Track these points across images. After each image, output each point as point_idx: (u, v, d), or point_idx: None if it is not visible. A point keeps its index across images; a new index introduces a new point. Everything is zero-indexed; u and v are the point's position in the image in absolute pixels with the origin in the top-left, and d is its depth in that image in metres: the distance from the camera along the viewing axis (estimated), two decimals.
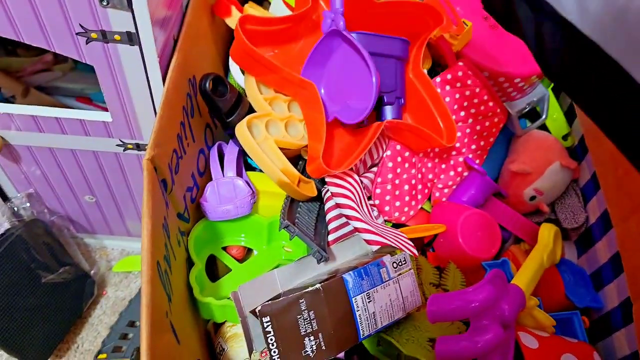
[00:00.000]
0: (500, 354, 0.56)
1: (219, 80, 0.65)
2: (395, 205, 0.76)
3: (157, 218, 0.51)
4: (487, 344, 0.54)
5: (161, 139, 0.54)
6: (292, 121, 0.69)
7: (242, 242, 0.71)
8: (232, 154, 0.68)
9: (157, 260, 0.49)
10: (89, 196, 0.84)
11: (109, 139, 0.70)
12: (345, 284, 0.59)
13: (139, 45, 0.56)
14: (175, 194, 0.60)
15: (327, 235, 0.67)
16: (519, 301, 0.60)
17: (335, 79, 0.68)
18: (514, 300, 0.58)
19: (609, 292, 0.75)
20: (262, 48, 0.68)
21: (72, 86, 0.97)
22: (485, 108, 0.81)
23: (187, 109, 0.63)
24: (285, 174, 0.64)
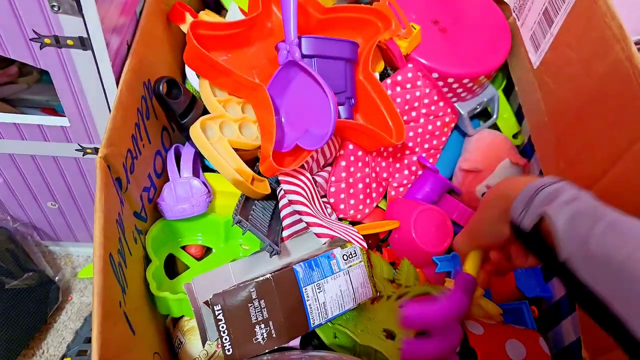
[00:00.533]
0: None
1: (173, 83, 0.68)
2: (350, 203, 0.80)
3: (109, 213, 0.53)
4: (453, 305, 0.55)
5: (114, 139, 0.57)
6: (245, 122, 0.72)
7: (199, 241, 0.74)
8: (188, 155, 0.71)
9: (109, 252, 0.51)
10: (51, 202, 0.86)
11: (68, 144, 0.73)
12: (296, 274, 0.62)
13: (91, 49, 0.59)
14: (131, 193, 0.63)
15: (282, 232, 0.70)
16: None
17: (294, 106, 0.71)
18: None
19: (556, 282, 0.79)
20: (215, 52, 0.72)
21: (37, 98, 0.99)
22: (436, 108, 0.85)
23: (142, 111, 0.65)
24: (239, 172, 0.66)
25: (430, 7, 0.90)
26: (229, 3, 0.91)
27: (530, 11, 0.84)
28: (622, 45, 0.62)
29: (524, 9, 0.86)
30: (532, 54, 0.83)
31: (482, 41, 0.88)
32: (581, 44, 0.70)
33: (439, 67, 0.83)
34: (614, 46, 0.63)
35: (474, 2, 0.93)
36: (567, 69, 0.73)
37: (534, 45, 0.83)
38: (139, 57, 0.65)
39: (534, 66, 0.82)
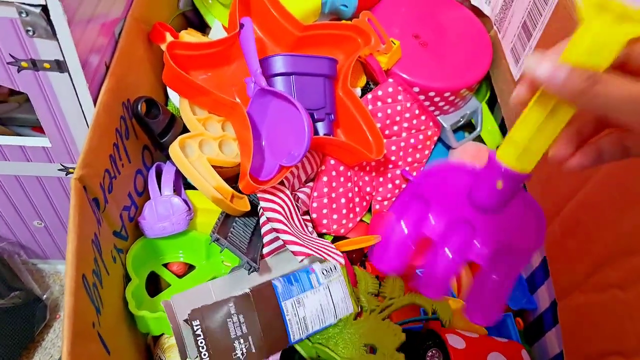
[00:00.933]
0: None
1: (151, 102, 0.69)
2: (333, 218, 0.80)
3: (84, 233, 0.54)
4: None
5: (91, 160, 0.58)
6: (225, 140, 0.73)
7: (181, 258, 0.74)
8: (169, 174, 0.72)
9: (82, 273, 0.52)
10: (37, 221, 0.87)
11: (50, 164, 0.74)
12: (275, 289, 0.63)
13: (67, 72, 0.60)
14: (110, 212, 0.64)
15: (262, 249, 0.71)
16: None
17: (274, 132, 0.71)
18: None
19: (541, 293, 0.80)
20: (194, 71, 0.73)
21: (27, 116, 1.01)
22: (418, 122, 0.86)
23: (121, 131, 0.66)
24: (219, 190, 0.67)
25: (410, 21, 0.91)
26: (212, 21, 0.92)
27: (510, 24, 0.85)
28: None
29: (504, 22, 0.87)
30: (512, 67, 0.84)
31: (463, 54, 0.89)
32: None
33: (420, 81, 0.84)
34: None
35: (455, 16, 0.94)
36: None
37: (514, 58, 0.84)
38: (118, 77, 0.66)
39: (515, 78, 0.83)
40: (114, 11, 0.68)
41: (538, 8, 0.75)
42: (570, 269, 0.68)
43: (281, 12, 0.77)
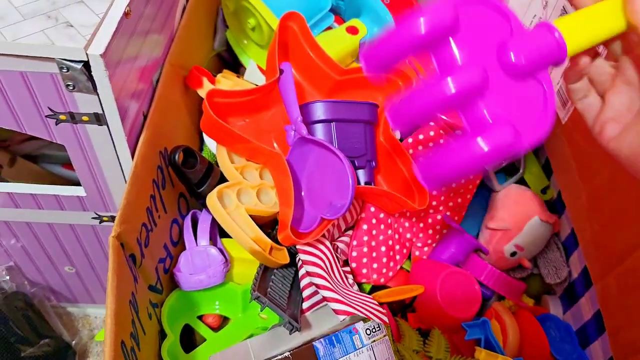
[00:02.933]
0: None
1: (189, 152, 0.67)
2: (373, 267, 0.78)
3: (122, 296, 0.52)
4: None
5: (128, 215, 0.56)
6: (264, 188, 0.71)
7: (217, 310, 0.72)
8: (205, 223, 0.70)
9: (121, 340, 0.50)
10: (68, 267, 0.86)
11: (84, 213, 0.72)
12: (316, 352, 0.60)
13: (106, 124, 0.58)
14: (146, 266, 0.62)
15: (302, 303, 0.68)
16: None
17: (314, 181, 0.70)
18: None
19: (594, 350, 0.75)
20: (232, 118, 0.71)
21: (58, 153, 1.01)
22: None
23: (157, 182, 0.65)
24: (257, 242, 0.65)
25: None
26: (246, 61, 0.91)
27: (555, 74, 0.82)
28: None
29: None
30: (559, 109, 0.81)
31: None
32: None
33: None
34: None
35: None
36: None
37: (561, 101, 0.81)
38: (155, 126, 0.65)
39: (562, 121, 0.80)
40: (153, 57, 0.67)
41: None
42: (630, 328, 0.64)
43: (320, 55, 0.76)
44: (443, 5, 0.37)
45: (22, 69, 0.53)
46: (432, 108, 0.38)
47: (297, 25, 0.75)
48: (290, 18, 0.74)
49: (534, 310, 0.84)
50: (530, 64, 0.37)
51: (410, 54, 0.39)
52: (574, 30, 0.37)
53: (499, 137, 0.37)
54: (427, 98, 0.38)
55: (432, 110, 0.39)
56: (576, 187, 0.78)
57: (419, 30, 0.37)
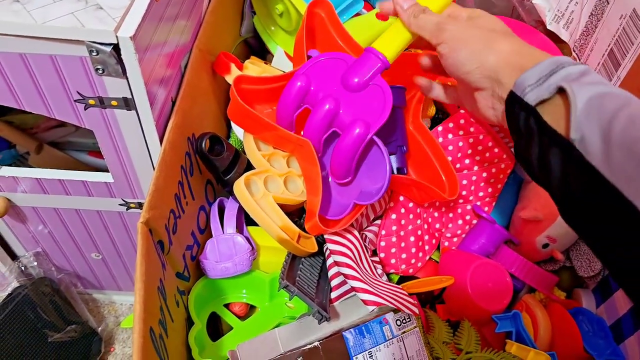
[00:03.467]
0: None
1: (215, 139, 0.67)
2: (402, 257, 0.76)
3: (151, 283, 0.52)
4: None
5: (157, 201, 0.56)
6: (291, 177, 0.70)
7: (244, 299, 0.72)
8: (231, 210, 0.70)
9: (149, 326, 0.49)
10: (95, 253, 0.86)
11: (112, 199, 0.72)
12: (346, 342, 0.59)
13: (135, 109, 0.58)
14: (174, 253, 0.62)
15: (330, 292, 0.67)
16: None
17: None
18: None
19: (630, 345, 0.73)
20: (259, 106, 0.70)
21: (84, 141, 1.01)
22: (491, 155, 0.81)
23: (185, 168, 0.64)
24: (285, 230, 0.64)
25: None
26: (274, 47, 0.90)
27: (593, 51, 0.80)
28: None
29: (586, 49, 0.82)
30: None
31: None
32: None
33: None
34: None
35: (530, 42, 0.89)
36: None
37: None
38: (184, 112, 0.64)
39: None
40: (182, 41, 0.67)
41: (629, 35, 0.70)
42: None
43: (347, 41, 0.74)
44: (300, 77, 0.64)
45: (51, 52, 0.53)
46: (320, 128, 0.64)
47: (325, 11, 0.74)
48: (318, 4, 0.73)
49: (566, 304, 0.82)
50: (366, 77, 0.60)
51: (295, 106, 0.65)
52: (386, 46, 0.59)
53: (358, 128, 0.59)
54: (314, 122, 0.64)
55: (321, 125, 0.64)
56: None
57: (292, 92, 0.64)
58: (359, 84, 0.60)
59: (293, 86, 0.64)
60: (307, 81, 0.64)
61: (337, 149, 0.62)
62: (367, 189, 0.64)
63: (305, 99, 0.65)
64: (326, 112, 0.62)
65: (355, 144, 0.60)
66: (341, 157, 0.61)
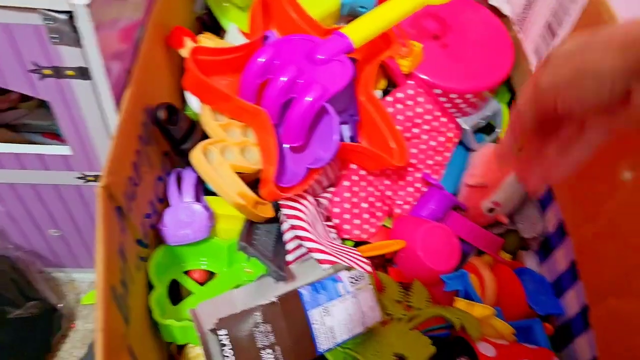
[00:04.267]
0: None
1: (172, 109, 0.69)
2: (355, 223, 0.80)
3: (111, 244, 0.54)
4: None
5: (115, 167, 0.58)
6: (247, 146, 0.72)
7: (203, 266, 0.74)
8: (189, 180, 0.72)
9: (111, 284, 0.52)
10: (54, 230, 0.87)
11: (69, 172, 0.73)
12: (301, 297, 0.62)
13: (91, 79, 0.59)
14: (133, 220, 0.64)
15: (286, 256, 0.70)
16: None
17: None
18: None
19: (569, 298, 0.79)
20: (215, 77, 0.72)
21: (39, 123, 1.01)
22: (439, 124, 0.85)
23: (143, 138, 0.66)
24: (242, 197, 0.67)
25: (430, 23, 0.90)
26: (227, 24, 0.92)
27: (533, 24, 0.85)
28: None
29: (526, 22, 0.87)
30: (535, 68, 0.84)
31: (484, 55, 0.88)
32: None
33: (441, 83, 0.84)
34: None
35: (475, 17, 0.93)
36: None
37: (537, 59, 0.83)
38: (139, 83, 0.66)
39: None
40: (136, 16, 0.68)
41: (564, 7, 0.74)
42: (603, 273, 0.67)
43: (302, 15, 0.77)
44: (267, 50, 0.69)
45: (5, 20, 0.54)
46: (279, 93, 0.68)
47: None
48: None
49: (511, 265, 0.88)
50: (331, 54, 0.67)
51: (259, 76, 0.69)
52: (355, 32, 0.66)
53: (314, 91, 0.64)
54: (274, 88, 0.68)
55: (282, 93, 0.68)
56: None
57: (258, 62, 0.69)
58: (323, 60, 0.67)
59: (259, 56, 0.68)
60: (273, 54, 0.69)
61: (292, 110, 0.64)
62: (319, 157, 0.67)
63: (269, 70, 0.69)
64: (287, 78, 0.66)
65: (310, 105, 0.63)
66: (295, 118, 0.64)
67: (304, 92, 0.64)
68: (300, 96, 0.64)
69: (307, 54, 0.68)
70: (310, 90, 0.64)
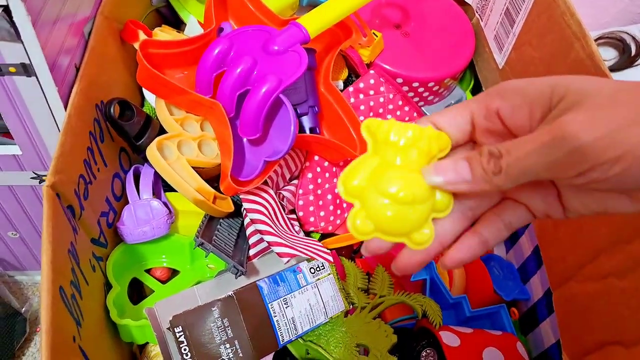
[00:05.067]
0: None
1: (125, 104, 0.67)
2: (320, 215, 0.79)
3: (59, 244, 0.52)
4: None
5: (63, 166, 0.56)
6: (205, 140, 0.71)
7: (164, 263, 0.73)
8: (147, 176, 0.70)
9: (59, 285, 0.50)
10: (12, 232, 0.85)
11: (22, 172, 0.71)
12: (260, 290, 0.61)
13: (35, 75, 0.58)
14: (87, 219, 0.62)
15: (248, 250, 0.69)
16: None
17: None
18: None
19: (534, 283, 0.79)
20: (169, 70, 0.71)
21: None
22: (402, 113, 0.85)
23: (95, 134, 0.64)
24: (200, 192, 0.66)
25: (391, 12, 0.90)
26: (186, 17, 0.90)
27: (493, 11, 0.84)
28: (582, 43, 0.62)
29: (486, 9, 0.87)
30: (496, 54, 0.83)
31: (446, 43, 0.88)
32: (542, 44, 0.71)
33: (403, 72, 0.83)
34: (574, 44, 0.63)
35: (436, 5, 0.93)
36: (531, 69, 0.73)
37: (498, 46, 0.83)
38: (89, 78, 0.64)
39: (499, 66, 0.83)
40: (83, 10, 0.66)
41: None
42: (564, 258, 0.67)
43: (258, 6, 0.76)
44: (223, 41, 0.67)
45: None
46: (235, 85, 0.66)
47: None
48: None
49: None
50: (287, 45, 0.65)
51: (214, 68, 0.68)
52: (311, 23, 0.65)
53: (269, 82, 0.62)
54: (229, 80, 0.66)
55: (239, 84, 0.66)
56: None
57: (213, 54, 0.67)
58: (278, 51, 0.65)
59: (214, 49, 0.67)
60: (229, 45, 0.67)
61: (247, 102, 0.63)
62: (277, 149, 0.66)
63: (224, 62, 0.68)
64: (242, 69, 0.65)
65: (266, 96, 0.62)
66: (251, 110, 0.63)
67: (260, 83, 0.63)
68: (255, 88, 0.63)
69: (263, 45, 0.67)
70: (266, 82, 0.63)
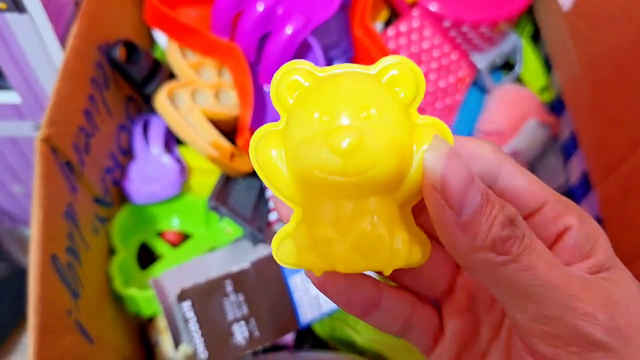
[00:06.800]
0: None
1: (131, 46, 0.62)
2: None
3: (54, 206, 0.49)
4: None
5: (60, 116, 0.51)
6: (222, 88, 0.66)
7: (176, 226, 0.69)
8: (157, 129, 0.66)
9: (51, 253, 0.46)
10: (18, 186, 0.82)
11: (23, 122, 0.68)
12: None
13: (27, 12, 0.53)
14: (89, 176, 0.58)
15: (269, 215, 0.64)
16: None
17: None
18: None
19: None
20: (184, 8, 0.65)
21: None
22: (448, 62, 0.77)
23: (98, 80, 0.59)
24: (215, 147, 0.61)
25: None
26: None
27: None
28: None
29: None
30: None
31: None
32: None
33: (451, 13, 0.75)
34: None
35: None
36: (603, 12, 0.65)
37: None
38: (91, 16, 0.58)
39: (563, 9, 0.74)
40: None
41: None
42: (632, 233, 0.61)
43: None
44: None
45: None
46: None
47: None
48: None
49: None
50: None
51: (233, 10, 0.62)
52: None
53: (295, 22, 0.58)
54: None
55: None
56: (578, 82, 0.73)
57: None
58: None
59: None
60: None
61: (270, 44, 0.57)
62: None
63: (244, 0, 0.62)
64: (265, 7, 0.59)
65: (291, 38, 0.56)
66: (274, 53, 0.57)
67: (283, 24, 0.57)
68: (278, 29, 0.57)
69: None
70: (291, 21, 0.56)
